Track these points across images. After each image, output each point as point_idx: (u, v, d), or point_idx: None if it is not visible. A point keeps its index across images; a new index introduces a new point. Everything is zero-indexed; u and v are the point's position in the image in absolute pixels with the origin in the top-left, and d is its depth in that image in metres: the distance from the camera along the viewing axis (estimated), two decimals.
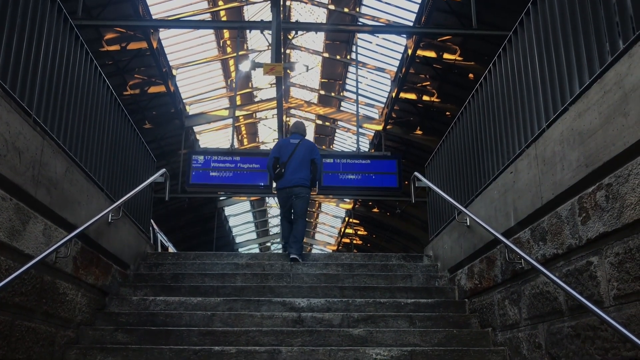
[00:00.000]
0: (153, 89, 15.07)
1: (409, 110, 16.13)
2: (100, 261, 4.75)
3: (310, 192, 6.98)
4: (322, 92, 18.78)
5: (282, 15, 11.08)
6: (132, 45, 13.27)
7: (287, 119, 19.59)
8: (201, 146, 18.74)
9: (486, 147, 4.87)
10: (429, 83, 14.77)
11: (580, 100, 3.28)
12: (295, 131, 7.20)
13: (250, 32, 15.74)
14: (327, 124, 20.34)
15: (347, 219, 26.22)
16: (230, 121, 16.57)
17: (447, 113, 15.21)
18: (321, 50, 16.71)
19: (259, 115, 19.89)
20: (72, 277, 4.17)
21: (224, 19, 14.81)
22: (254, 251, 31.17)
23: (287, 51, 16.14)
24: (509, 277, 4.12)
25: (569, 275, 3.33)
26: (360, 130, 15.84)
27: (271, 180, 9.83)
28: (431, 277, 5.67)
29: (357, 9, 14.26)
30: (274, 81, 13.24)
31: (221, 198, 22.18)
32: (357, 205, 23.64)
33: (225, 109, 17.73)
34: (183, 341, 4.27)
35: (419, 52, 13.32)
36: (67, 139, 4.21)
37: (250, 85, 18.49)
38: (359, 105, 14.69)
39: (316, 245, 33.10)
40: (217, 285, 5.25)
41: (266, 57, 15.66)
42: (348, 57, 16.39)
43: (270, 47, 12.05)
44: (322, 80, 18.35)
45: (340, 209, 26.15)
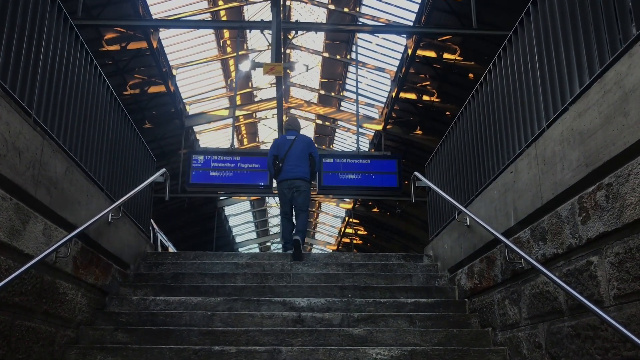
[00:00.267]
0: (153, 89, 15.07)
1: (409, 110, 16.13)
2: (100, 261, 4.75)
3: (310, 186, 7.06)
4: (322, 92, 18.78)
5: (282, 15, 11.08)
6: (132, 45, 13.27)
7: (287, 119, 19.57)
8: (201, 146, 18.74)
9: (486, 146, 4.87)
10: (429, 83, 14.77)
11: (580, 100, 3.28)
12: (289, 127, 7.34)
13: (250, 32, 15.74)
14: (327, 123, 20.34)
15: (347, 218, 26.22)
16: (230, 121, 16.57)
17: (447, 113, 15.22)
18: (321, 50, 16.71)
19: (259, 115, 19.89)
20: (72, 276, 4.17)
21: (224, 18, 14.81)
22: (254, 251, 31.17)
23: (287, 51, 16.14)
24: (509, 276, 4.12)
25: (569, 275, 3.33)
26: (360, 130, 15.84)
27: (271, 179, 9.84)
28: (431, 277, 5.67)
29: (357, 9, 14.26)
30: (274, 81, 13.24)
31: (221, 198, 22.18)
32: (357, 205, 23.64)
33: (225, 108, 17.73)
34: (183, 341, 4.27)
35: (419, 52, 13.32)
36: (67, 139, 4.21)
37: (250, 85, 18.49)
38: (359, 105, 14.69)
39: (316, 245, 33.10)
40: (217, 285, 5.25)
41: (266, 57, 15.67)
42: (348, 56, 16.39)
43: (270, 47, 12.05)
44: (322, 80, 18.35)
45: (340, 208, 26.15)
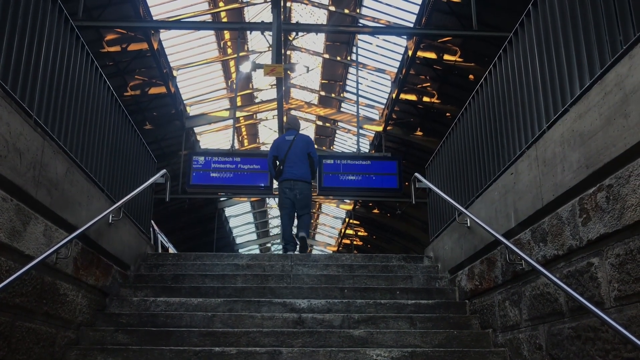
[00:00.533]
0: (154, 90, 15.07)
1: (409, 112, 16.13)
2: (100, 262, 4.75)
3: (311, 187, 7.10)
4: (323, 93, 18.78)
5: (282, 17, 11.08)
6: (133, 47, 13.28)
7: (287, 118, 19.57)
8: (202, 147, 18.74)
9: (487, 148, 4.87)
10: (429, 84, 14.77)
11: (580, 102, 3.28)
12: (289, 127, 7.38)
13: (250, 34, 15.75)
14: (327, 125, 20.35)
15: (347, 220, 26.21)
16: (230, 122, 16.58)
17: (448, 114, 15.21)
18: (321, 52, 16.72)
19: (259, 116, 19.90)
20: (73, 278, 4.17)
21: (225, 20, 14.82)
22: (254, 252, 31.16)
23: (288, 52, 16.14)
24: (509, 278, 4.12)
25: (570, 276, 3.33)
26: (360, 131, 15.85)
27: (271, 180, 9.85)
28: (432, 278, 5.67)
29: (358, 10, 14.26)
30: (275, 82, 13.26)
31: (222, 199, 22.18)
32: (357, 206, 23.63)
33: (226, 110, 17.73)
34: (183, 342, 4.27)
35: (419, 53, 13.32)
36: (68, 140, 4.22)
37: (250, 86, 18.50)
38: (359, 106, 14.70)
39: (316, 246, 33.09)
40: (218, 286, 5.25)
41: (267, 58, 15.68)
42: (348, 58, 16.39)
43: (270, 48, 12.06)
44: (323, 81, 18.35)
45: (341, 210, 26.13)
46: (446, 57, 13.37)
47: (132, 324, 4.59)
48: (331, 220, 29.19)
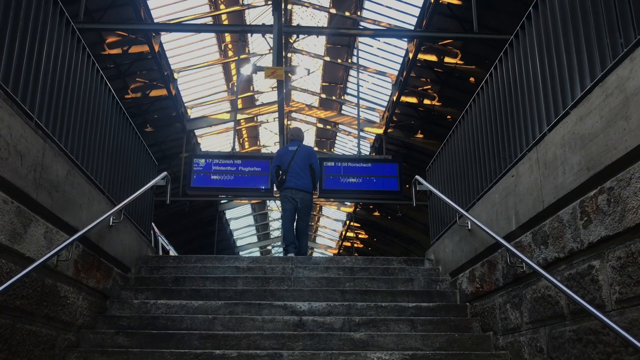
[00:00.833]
0: (154, 93, 15.09)
1: (410, 114, 16.14)
2: (101, 264, 4.75)
3: (312, 197, 7.25)
4: (323, 96, 18.80)
5: (283, 19, 11.09)
6: (134, 49, 13.30)
7: (288, 123, 19.61)
8: (202, 149, 18.75)
9: (487, 150, 4.87)
10: (429, 87, 14.78)
11: (581, 104, 3.28)
12: (292, 138, 7.57)
13: (251, 36, 15.75)
14: (328, 127, 20.36)
15: (348, 222, 26.20)
16: (231, 124, 16.59)
17: (448, 117, 15.22)
18: (322, 54, 16.73)
19: (260, 118, 19.91)
20: (73, 280, 4.17)
21: (226, 22, 14.84)
22: (254, 254, 31.15)
23: (289, 55, 16.16)
24: (510, 280, 4.11)
25: (571, 279, 3.32)
26: (361, 133, 15.84)
27: (272, 185, 9.88)
28: (432, 281, 5.66)
29: (358, 13, 14.28)
30: (275, 85, 13.27)
31: (222, 201, 22.19)
32: (358, 209, 23.64)
33: (227, 112, 17.74)
34: (184, 345, 4.26)
35: (420, 56, 13.33)
36: (69, 142, 4.22)
37: (251, 89, 18.51)
38: (360, 109, 14.69)
39: (317, 249, 33.08)
40: (218, 288, 5.25)
41: (267, 61, 15.71)
42: (349, 60, 16.41)
43: (271, 51, 12.06)
44: (323, 83, 18.37)
45: (341, 212, 26.14)
46: (447, 59, 13.38)
47: (132, 326, 4.58)
48: (332, 222, 29.19)
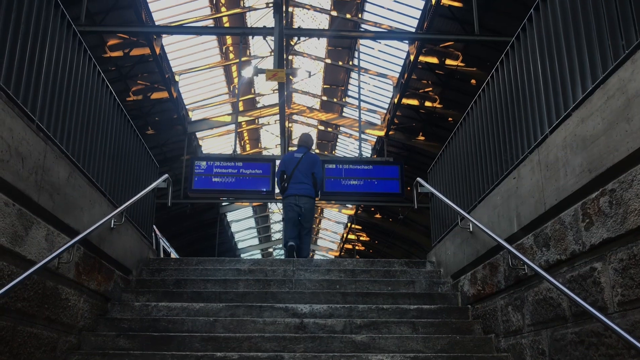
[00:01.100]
0: (156, 95, 15.11)
1: (411, 116, 16.14)
2: (102, 267, 4.75)
3: (314, 203, 7.27)
4: (325, 98, 18.81)
5: (284, 22, 11.11)
6: (135, 52, 13.32)
7: (290, 125, 19.63)
8: (203, 152, 18.77)
9: (489, 152, 4.87)
10: (431, 89, 14.79)
11: (583, 106, 3.28)
12: (300, 144, 7.62)
13: (252, 38, 15.78)
14: (329, 129, 20.37)
15: (349, 224, 26.19)
16: (232, 127, 16.60)
17: (450, 119, 15.22)
18: (323, 56, 16.75)
19: (261, 121, 19.93)
20: (75, 282, 4.17)
21: (227, 25, 14.86)
22: (256, 257, 31.15)
23: (290, 57, 16.18)
24: (512, 283, 4.10)
25: (573, 281, 3.32)
26: (362, 136, 15.87)
27: (273, 185, 9.88)
28: (434, 283, 5.65)
29: (359, 15, 14.29)
30: (277, 87, 13.28)
31: (223, 204, 22.20)
32: (359, 211, 23.63)
33: (228, 114, 17.76)
34: (185, 347, 4.26)
35: (421, 58, 13.34)
36: (70, 145, 4.22)
37: (252, 91, 18.53)
38: (361, 111, 14.70)
39: (318, 251, 33.06)
40: (220, 291, 5.24)
41: (269, 63, 15.71)
42: (350, 63, 16.42)
43: (272, 53, 12.08)
44: (325, 86, 18.38)
45: (343, 214, 26.14)
46: (448, 61, 13.38)
47: (133, 329, 4.58)
48: (333, 225, 29.18)
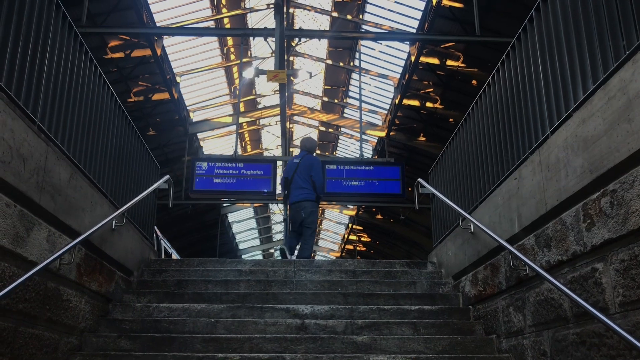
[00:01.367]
0: (157, 96, 15.11)
1: (412, 117, 16.14)
2: (103, 268, 4.75)
3: (315, 205, 7.10)
4: (326, 99, 18.81)
5: (285, 23, 11.12)
6: (136, 53, 13.33)
7: (291, 126, 19.64)
8: (205, 153, 18.78)
9: (490, 153, 4.87)
10: (432, 90, 14.79)
11: (584, 107, 3.28)
12: (300, 149, 7.46)
13: (253, 40, 15.80)
14: (330, 130, 20.37)
15: (350, 225, 26.19)
16: (233, 128, 16.60)
17: (451, 119, 15.22)
18: (324, 57, 16.76)
19: (262, 122, 19.93)
20: (76, 283, 4.17)
21: (228, 26, 14.87)
22: (257, 258, 31.14)
23: (291, 58, 16.19)
24: (513, 283, 4.10)
25: (574, 281, 3.31)
26: (363, 136, 15.81)
27: (274, 186, 9.89)
28: (435, 284, 5.65)
29: (360, 16, 14.30)
30: (278, 88, 13.28)
31: (225, 205, 22.20)
32: (360, 212, 23.62)
33: (229, 115, 17.77)
34: (186, 348, 4.26)
35: (422, 59, 13.34)
36: (72, 146, 4.23)
37: (253, 92, 18.54)
38: (362, 112, 14.69)
39: (319, 252, 33.06)
40: (221, 291, 5.25)
41: (270, 64, 15.70)
42: (351, 64, 16.43)
43: (273, 54, 12.09)
44: (326, 87, 18.39)
45: (344, 215, 26.13)
46: (449, 62, 13.38)
47: (135, 329, 4.58)
48: (334, 225, 29.18)
